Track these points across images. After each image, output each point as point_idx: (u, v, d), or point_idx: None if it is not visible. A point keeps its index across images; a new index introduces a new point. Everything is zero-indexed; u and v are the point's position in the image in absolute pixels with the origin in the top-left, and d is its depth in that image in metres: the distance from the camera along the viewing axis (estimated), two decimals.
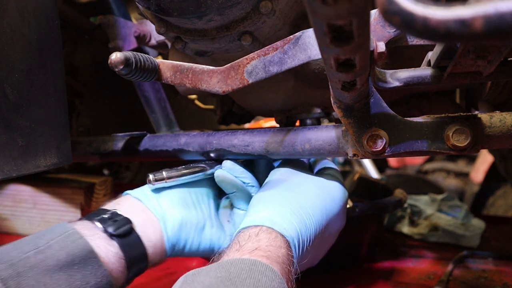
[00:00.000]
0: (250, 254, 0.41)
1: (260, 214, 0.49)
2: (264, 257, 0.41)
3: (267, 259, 0.41)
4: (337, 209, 0.56)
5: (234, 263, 0.39)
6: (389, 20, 0.21)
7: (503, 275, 0.79)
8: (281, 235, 0.46)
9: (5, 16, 0.48)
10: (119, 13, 0.82)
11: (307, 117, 0.75)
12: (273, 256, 0.42)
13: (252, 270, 0.38)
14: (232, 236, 0.49)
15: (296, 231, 0.48)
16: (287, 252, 0.44)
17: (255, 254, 0.41)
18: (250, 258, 0.40)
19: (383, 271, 0.83)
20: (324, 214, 0.53)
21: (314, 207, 0.52)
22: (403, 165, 3.19)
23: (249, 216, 0.50)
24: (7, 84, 0.49)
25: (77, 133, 1.02)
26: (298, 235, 0.48)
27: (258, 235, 0.45)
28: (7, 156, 0.49)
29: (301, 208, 0.50)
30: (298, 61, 0.47)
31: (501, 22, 0.19)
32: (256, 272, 0.38)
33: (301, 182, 0.56)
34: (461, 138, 0.46)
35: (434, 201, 1.12)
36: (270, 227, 0.46)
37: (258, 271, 0.38)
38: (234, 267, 0.38)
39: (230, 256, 0.42)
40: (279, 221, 0.47)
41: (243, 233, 0.46)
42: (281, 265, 0.42)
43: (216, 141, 0.61)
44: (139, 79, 0.51)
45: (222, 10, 0.52)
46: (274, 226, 0.46)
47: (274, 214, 0.48)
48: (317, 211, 0.52)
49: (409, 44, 0.48)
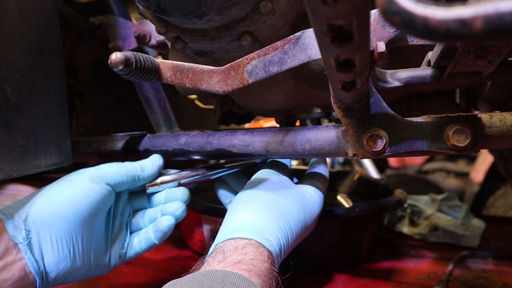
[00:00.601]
0: (232, 267, 0.41)
1: (249, 224, 0.48)
2: (245, 271, 0.41)
3: (249, 272, 0.41)
4: (312, 224, 0.58)
5: (208, 274, 0.39)
6: (389, 20, 0.21)
7: (503, 275, 0.79)
8: (267, 250, 0.46)
9: (5, 16, 0.48)
10: (119, 13, 0.82)
11: (307, 117, 0.75)
12: (256, 269, 0.42)
13: (225, 282, 0.38)
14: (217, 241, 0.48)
15: (280, 247, 0.49)
16: (271, 267, 0.45)
17: (237, 267, 0.41)
18: (223, 269, 0.40)
19: (383, 271, 0.83)
20: (303, 229, 0.55)
21: (297, 223, 0.53)
22: (403, 165, 3.18)
23: (236, 222, 0.50)
24: (7, 84, 0.49)
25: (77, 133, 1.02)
26: (281, 250, 0.49)
27: (245, 247, 0.45)
28: (7, 156, 0.49)
29: (286, 223, 0.51)
30: (298, 61, 0.47)
31: (501, 22, 0.19)
32: (228, 283, 0.38)
33: (287, 195, 0.55)
34: (461, 138, 0.46)
35: (434, 201, 1.12)
36: (259, 242, 0.46)
37: (231, 283, 0.38)
38: (207, 280, 0.38)
39: (212, 266, 0.43)
40: (268, 237, 0.47)
41: (229, 243, 0.46)
42: (263, 278, 0.42)
43: (216, 141, 0.61)
44: (139, 79, 0.51)
45: (222, 10, 0.52)
46: (264, 242, 0.46)
47: (263, 228, 0.48)
48: (298, 227, 0.53)
49: (409, 44, 0.47)
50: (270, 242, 0.47)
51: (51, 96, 0.57)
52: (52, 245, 0.49)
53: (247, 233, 0.47)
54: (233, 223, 0.50)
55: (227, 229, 0.49)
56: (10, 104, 0.50)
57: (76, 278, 0.53)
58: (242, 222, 0.49)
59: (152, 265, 0.85)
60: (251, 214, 0.50)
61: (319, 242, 0.80)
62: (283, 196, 0.55)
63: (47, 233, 0.49)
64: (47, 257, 0.49)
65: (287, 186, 0.58)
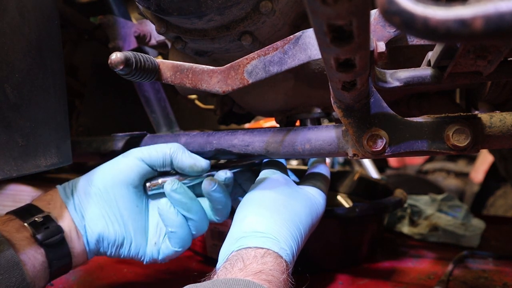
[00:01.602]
0: (253, 276, 0.42)
1: (263, 234, 0.48)
2: (266, 281, 0.41)
3: (269, 283, 0.41)
4: (316, 226, 0.58)
5: (229, 282, 0.39)
6: (389, 20, 0.21)
7: (503, 275, 0.79)
8: (285, 261, 0.46)
9: (5, 16, 0.48)
10: (119, 13, 0.82)
11: (307, 117, 0.75)
12: (275, 281, 0.42)
13: None
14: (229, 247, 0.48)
15: (293, 254, 0.49)
16: (287, 278, 0.45)
17: (258, 278, 0.42)
18: (245, 279, 0.40)
19: (383, 271, 0.83)
20: (310, 232, 0.55)
21: (305, 227, 0.53)
22: (403, 165, 3.19)
23: (249, 227, 0.49)
24: (7, 84, 0.49)
25: (77, 133, 1.02)
26: (294, 257, 0.50)
27: (264, 257, 0.45)
28: (7, 156, 0.49)
29: (297, 229, 0.51)
30: (298, 61, 0.47)
31: (501, 22, 0.19)
32: None
33: (295, 198, 0.55)
34: (461, 138, 0.46)
35: (434, 201, 1.12)
36: (276, 252, 0.46)
37: None
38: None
39: (233, 274, 0.43)
40: (284, 247, 0.48)
41: (246, 251, 0.46)
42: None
43: (216, 141, 0.61)
44: (139, 79, 0.51)
45: (222, 10, 0.52)
46: (280, 252, 0.47)
47: (278, 237, 0.48)
48: (307, 230, 0.54)
49: (409, 44, 0.47)
50: (286, 251, 0.47)
51: (51, 96, 0.57)
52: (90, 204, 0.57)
53: (263, 243, 0.47)
54: (246, 229, 0.49)
55: (240, 235, 0.49)
56: (10, 104, 0.50)
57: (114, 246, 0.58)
58: (256, 229, 0.49)
59: (152, 265, 0.85)
60: (264, 220, 0.50)
61: (319, 242, 0.80)
62: (291, 199, 0.54)
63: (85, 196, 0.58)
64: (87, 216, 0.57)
65: (293, 187, 0.58)
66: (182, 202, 0.59)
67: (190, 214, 0.59)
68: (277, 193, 0.55)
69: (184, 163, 0.60)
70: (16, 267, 0.46)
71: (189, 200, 0.59)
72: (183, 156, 0.60)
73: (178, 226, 0.58)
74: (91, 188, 0.58)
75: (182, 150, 0.61)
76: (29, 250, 0.50)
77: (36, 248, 0.51)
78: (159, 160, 0.60)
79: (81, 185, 0.59)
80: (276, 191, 0.55)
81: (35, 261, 0.50)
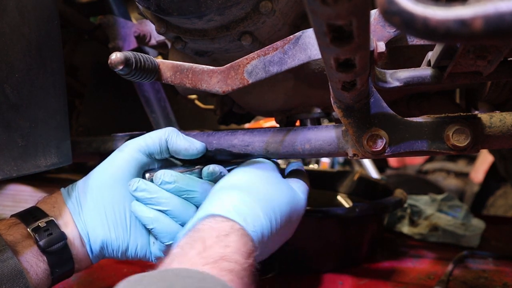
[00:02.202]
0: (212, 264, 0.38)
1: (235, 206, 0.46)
2: (227, 271, 0.38)
3: (230, 273, 0.38)
4: (296, 222, 0.55)
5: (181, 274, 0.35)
6: (389, 20, 0.21)
7: (503, 275, 0.79)
8: (251, 240, 0.44)
9: (4, 16, 0.48)
10: (119, 13, 0.82)
11: (307, 117, 0.75)
12: (238, 269, 0.39)
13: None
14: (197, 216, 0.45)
15: (263, 236, 0.46)
16: (252, 262, 0.42)
17: (218, 266, 0.38)
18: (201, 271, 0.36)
19: (383, 271, 0.83)
20: (288, 222, 0.52)
21: (282, 217, 0.50)
22: (403, 165, 3.19)
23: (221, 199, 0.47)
24: (7, 84, 0.49)
25: (77, 133, 1.02)
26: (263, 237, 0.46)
27: (228, 235, 0.42)
28: (7, 156, 0.49)
29: (273, 214, 0.49)
30: (298, 61, 0.47)
31: (501, 22, 0.19)
32: None
33: (276, 185, 0.53)
34: (461, 138, 0.46)
35: (434, 201, 1.12)
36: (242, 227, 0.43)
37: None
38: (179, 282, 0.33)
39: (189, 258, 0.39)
40: (253, 224, 0.45)
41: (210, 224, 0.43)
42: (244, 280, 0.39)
43: (216, 141, 0.61)
44: (139, 79, 0.51)
45: (222, 10, 0.52)
46: (248, 227, 0.44)
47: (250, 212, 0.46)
48: (283, 222, 0.50)
49: (409, 44, 0.48)
50: (254, 230, 0.45)
51: (51, 96, 0.57)
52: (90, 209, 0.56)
53: (230, 213, 0.44)
54: (219, 199, 0.47)
55: (211, 204, 0.47)
56: (10, 104, 0.50)
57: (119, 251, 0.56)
58: (227, 201, 0.47)
59: (152, 264, 0.85)
60: (239, 194, 0.48)
61: (319, 242, 0.80)
62: (273, 184, 0.53)
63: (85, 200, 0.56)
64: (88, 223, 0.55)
65: (278, 176, 0.56)
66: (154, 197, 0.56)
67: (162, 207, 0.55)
68: (258, 175, 0.53)
69: (179, 146, 0.58)
70: (20, 276, 0.46)
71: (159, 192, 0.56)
72: (178, 139, 0.58)
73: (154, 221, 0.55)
74: (90, 192, 0.57)
75: (176, 133, 0.59)
76: (32, 258, 0.49)
77: (39, 255, 0.50)
78: (155, 146, 0.58)
79: (81, 188, 0.58)
80: (258, 173, 0.54)
81: (37, 269, 0.49)
